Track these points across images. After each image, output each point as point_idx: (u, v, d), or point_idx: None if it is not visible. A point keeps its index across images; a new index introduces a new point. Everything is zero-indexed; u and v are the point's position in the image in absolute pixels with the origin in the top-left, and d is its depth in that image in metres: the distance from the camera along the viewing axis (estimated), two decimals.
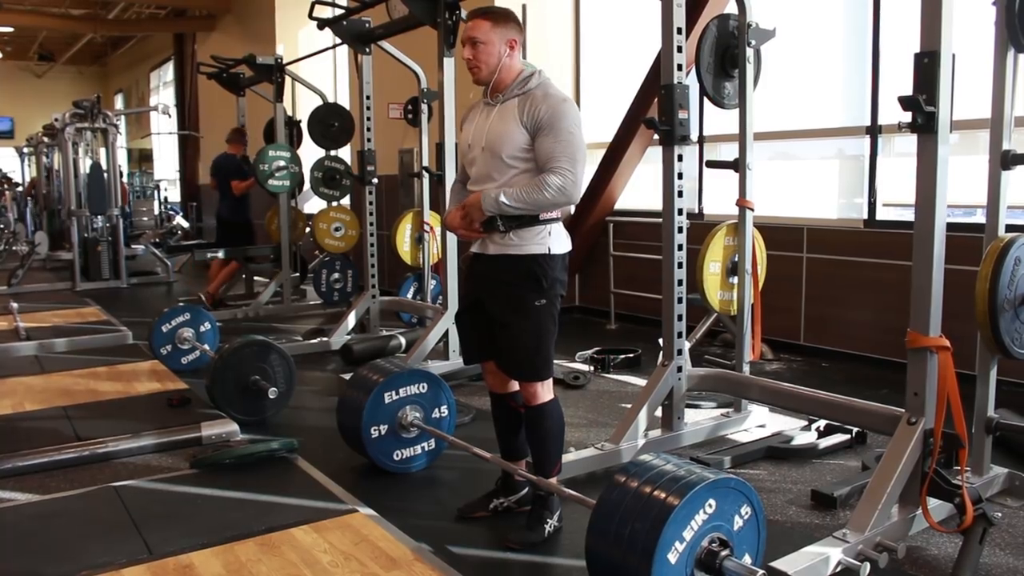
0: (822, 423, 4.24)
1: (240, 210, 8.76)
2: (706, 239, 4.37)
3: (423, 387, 3.84)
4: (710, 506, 2.25)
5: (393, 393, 3.76)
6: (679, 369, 4.02)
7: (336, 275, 7.91)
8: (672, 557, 2.18)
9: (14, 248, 13.64)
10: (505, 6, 4.18)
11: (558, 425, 3.17)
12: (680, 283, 3.93)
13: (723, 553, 2.25)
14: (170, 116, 15.20)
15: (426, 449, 3.89)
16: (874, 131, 5.85)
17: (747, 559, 2.35)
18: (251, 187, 8.46)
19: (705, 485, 2.24)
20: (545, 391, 3.10)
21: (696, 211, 7.09)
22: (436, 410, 3.87)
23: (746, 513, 2.35)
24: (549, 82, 3.04)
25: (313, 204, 10.42)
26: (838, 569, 2.70)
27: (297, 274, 8.92)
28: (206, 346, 5.78)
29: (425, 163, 6.81)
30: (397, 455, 3.80)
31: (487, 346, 3.16)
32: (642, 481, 2.31)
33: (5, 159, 21.62)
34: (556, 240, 3.05)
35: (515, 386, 3.25)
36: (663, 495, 2.23)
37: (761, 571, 2.22)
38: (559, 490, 3.03)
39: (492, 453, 3.38)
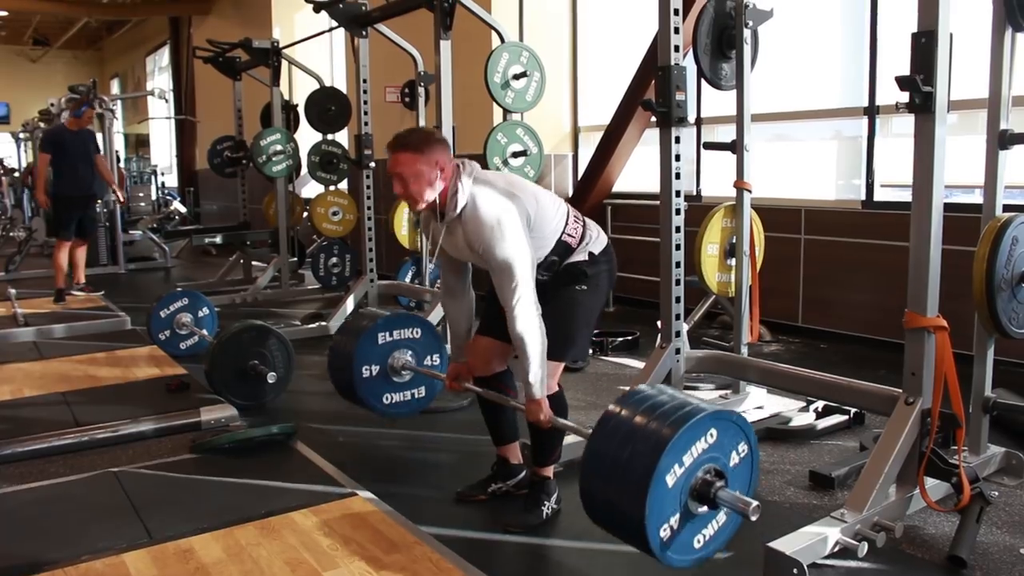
0: (820, 404, 4.25)
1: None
2: (704, 221, 4.37)
3: (417, 332, 3.82)
4: (711, 436, 2.24)
5: (387, 335, 3.74)
6: (677, 351, 4.02)
7: (334, 259, 7.90)
8: (670, 480, 2.17)
9: (11, 234, 13.63)
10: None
11: (561, 416, 3.16)
12: (678, 265, 3.93)
13: (718, 483, 2.24)
14: (167, 101, 15.17)
15: (415, 396, 3.86)
16: (872, 112, 5.83)
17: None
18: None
19: (709, 414, 2.24)
20: (551, 382, 3.06)
21: (694, 193, 7.08)
22: (428, 357, 3.85)
23: (743, 450, 2.33)
24: (474, 200, 2.89)
25: (311, 188, 10.41)
26: (836, 549, 2.71)
27: (295, 259, 8.90)
28: (204, 331, 5.78)
29: None
30: (387, 398, 3.77)
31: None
32: (645, 406, 2.31)
33: (1, 145, 21.54)
34: (595, 242, 3.12)
35: (500, 367, 3.26)
36: (667, 419, 2.22)
37: (755, 502, 2.23)
38: (561, 424, 2.98)
39: (487, 442, 3.39)
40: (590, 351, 5.71)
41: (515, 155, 5.24)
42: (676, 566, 2.26)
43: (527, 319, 2.85)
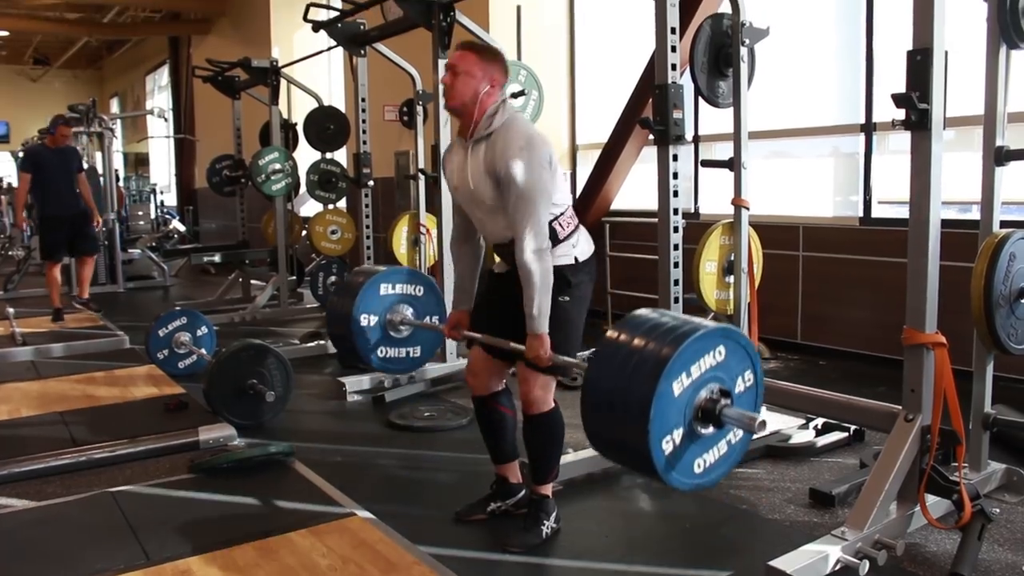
0: (820, 421, 4.24)
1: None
2: (702, 238, 4.37)
3: (419, 290, 3.81)
4: (720, 353, 2.24)
5: (390, 287, 3.73)
6: None
7: (333, 278, 7.90)
8: (676, 388, 2.16)
9: (10, 253, 13.61)
10: (505, 6, 4.17)
11: (559, 433, 3.16)
12: (676, 283, 3.93)
13: (724, 401, 2.24)
14: (166, 120, 15.21)
15: (410, 355, 3.82)
16: (868, 129, 5.85)
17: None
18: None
19: (720, 328, 2.25)
20: (546, 397, 3.07)
21: (692, 211, 7.09)
22: (428, 318, 3.83)
23: (749, 379, 2.33)
24: (511, 121, 2.95)
25: (309, 207, 10.42)
26: (837, 567, 2.70)
27: (294, 277, 8.90)
28: (203, 350, 5.77)
29: (421, 165, 6.81)
30: (381, 351, 3.73)
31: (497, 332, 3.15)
32: (652, 323, 2.31)
33: (1, 164, 21.57)
34: (581, 248, 3.09)
35: (498, 386, 3.25)
36: (676, 331, 2.22)
37: (761, 416, 2.21)
38: (562, 361, 2.94)
39: (487, 459, 3.38)
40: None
41: None
42: (675, 486, 2.24)
43: (536, 249, 2.85)
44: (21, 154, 8.64)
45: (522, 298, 2.92)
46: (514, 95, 5.28)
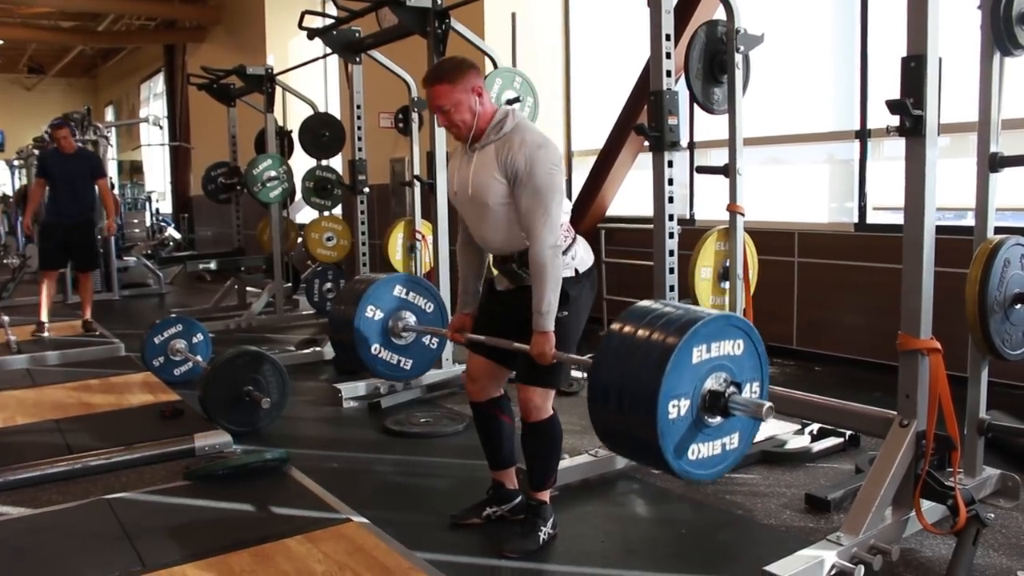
0: (815, 427, 4.24)
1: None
2: (697, 245, 4.38)
3: (430, 306, 3.82)
4: (739, 346, 2.34)
5: (404, 291, 3.76)
6: None
7: (328, 285, 7.89)
8: (696, 355, 2.24)
9: (5, 261, 13.60)
10: (499, 13, 4.17)
11: (558, 441, 3.15)
12: (672, 289, 3.94)
13: (732, 390, 2.28)
14: (161, 128, 15.21)
15: (401, 364, 3.79)
16: (863, 135, 5.87)
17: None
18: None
19: (748, 323, 2.33)
20: (545, 405, 3.07)
21: (687, 217, 7.11)
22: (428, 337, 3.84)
23: (755, 390, 2.40)
24: (525, 124, 2.97)
25: (305, 214, 10.42)
26: (833, 572, 2.70)
27: (289, 284, 8.90)
28: (199, 357, 5.76)
29: (416, 172, 6.81)
30: (375, 349, 3.71)
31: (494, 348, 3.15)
32: (667, 306, 2.39)
33: None
34: (580, 259, 3.09)
35: (496, 392, 3.25)
36: (698, 312, 2.32)
37: (768, 403, 2.23)
38: (566, 358, 2.97)
39: (485, 465, 3.38)
40: (583, 375, 5.69)
41: None
42: (675, 470, 2.27)
43: (552, 245, 2.85)
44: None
45: (523, 312, 2.94)
46: (509, 102, 5.28)
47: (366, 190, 6.65)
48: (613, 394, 2.34)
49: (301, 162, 8.74)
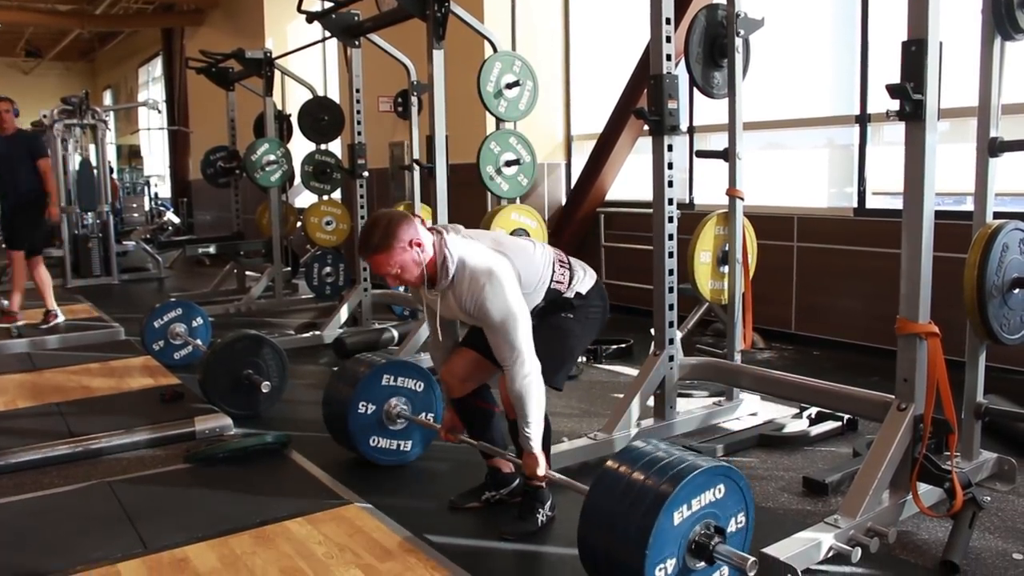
0: (813, 411, 4.26)
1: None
2: (697, 229, 4.38)
3: (419, 385, 3.84)
4: (720, 490, 2.34)
5: (392, 378, 3.76)
6: (671, 358, 4.03)
7: (328, 269, 7.89)
8: (677, 518, 2.24)
9: (2, 246, 13.57)
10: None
11: (547, 430, 3.15)
12: (671, 273, 3.94)
13: (717, 539, 2.29)
14: (159, 111, 15.15)
15: (400, 448, 3.83)
16: (863, 120, 5.87)
17: None
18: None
19: (725, 467, 2.34)
20: None
21: (687, 201, 7.11)
22: (424, 415, 3.84)
23: (741, 521, 2.43)
24: (463, 261, 2.88)
25: (304, 198, 10.42)
26: (830, 554, 2.72)
27: (289, 268, 8.90)
28: (198, 341, 5.77)
29: (416, 156, 6.81)
30: (373, 441, 3.75)
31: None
32: (652, 456, 2.37)
33: None
34: (583, 284, 3.14)
35: (474, 385, 3.26)
36: (680, 464, 2.30)
37: (752, 557, 2.24)
38: (558, 479, 2.97)
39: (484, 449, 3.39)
40: (583, 359, 5.71)
41: (508, 164, 5.24)
42: None
43: (527, 378, 2.85)
44: None
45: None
46: (508, 86, 5.27)
47: (365, 174, 6.64)
48: (601, 560, 2.37)
49: (300, 146, 8.72)
